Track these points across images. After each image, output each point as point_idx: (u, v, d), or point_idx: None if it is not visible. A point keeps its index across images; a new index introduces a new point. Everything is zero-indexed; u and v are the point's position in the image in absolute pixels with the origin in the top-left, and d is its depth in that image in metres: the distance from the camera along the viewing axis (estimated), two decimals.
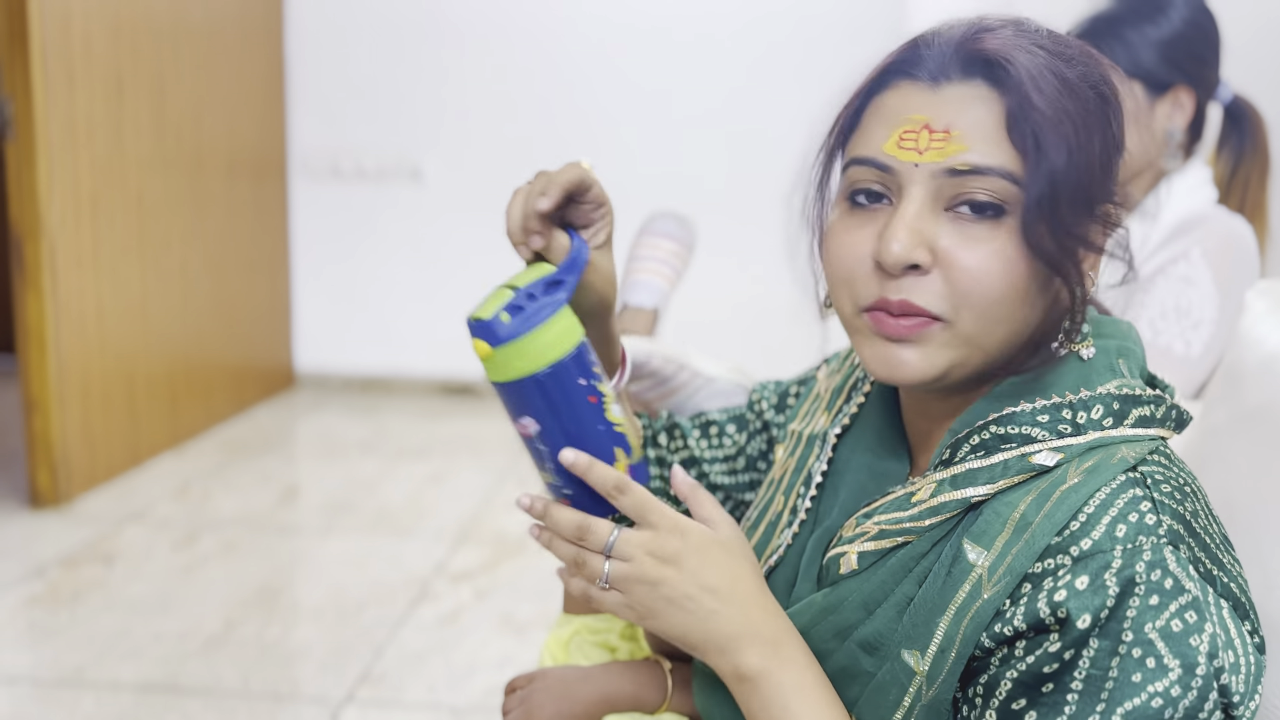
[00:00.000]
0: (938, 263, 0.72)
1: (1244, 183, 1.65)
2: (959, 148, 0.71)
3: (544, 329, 0.77)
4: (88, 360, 3.17)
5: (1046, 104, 0.71)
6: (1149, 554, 0.66)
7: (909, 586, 0.75)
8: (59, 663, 2.21)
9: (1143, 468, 0.71)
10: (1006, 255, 0.71)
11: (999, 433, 0.74)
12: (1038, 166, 0.70)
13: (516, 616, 2.46)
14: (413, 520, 3.04)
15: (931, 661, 0.71)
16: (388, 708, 2.09)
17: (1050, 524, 0.68)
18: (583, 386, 0.78)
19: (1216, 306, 1.50)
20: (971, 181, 0.71)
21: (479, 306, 0.78)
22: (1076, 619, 0.65)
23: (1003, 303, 0.72)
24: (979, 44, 0.73)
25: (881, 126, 0.75)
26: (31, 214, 2.96)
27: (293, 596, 2.59)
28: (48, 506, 3.04)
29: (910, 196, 0.73)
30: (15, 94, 2.92)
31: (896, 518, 0.76)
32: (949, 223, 0.73)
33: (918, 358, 0.73)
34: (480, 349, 0.77)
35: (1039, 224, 0.71)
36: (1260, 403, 1.00)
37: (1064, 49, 0.75)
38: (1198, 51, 1.59)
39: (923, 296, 0.72)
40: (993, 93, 0.72)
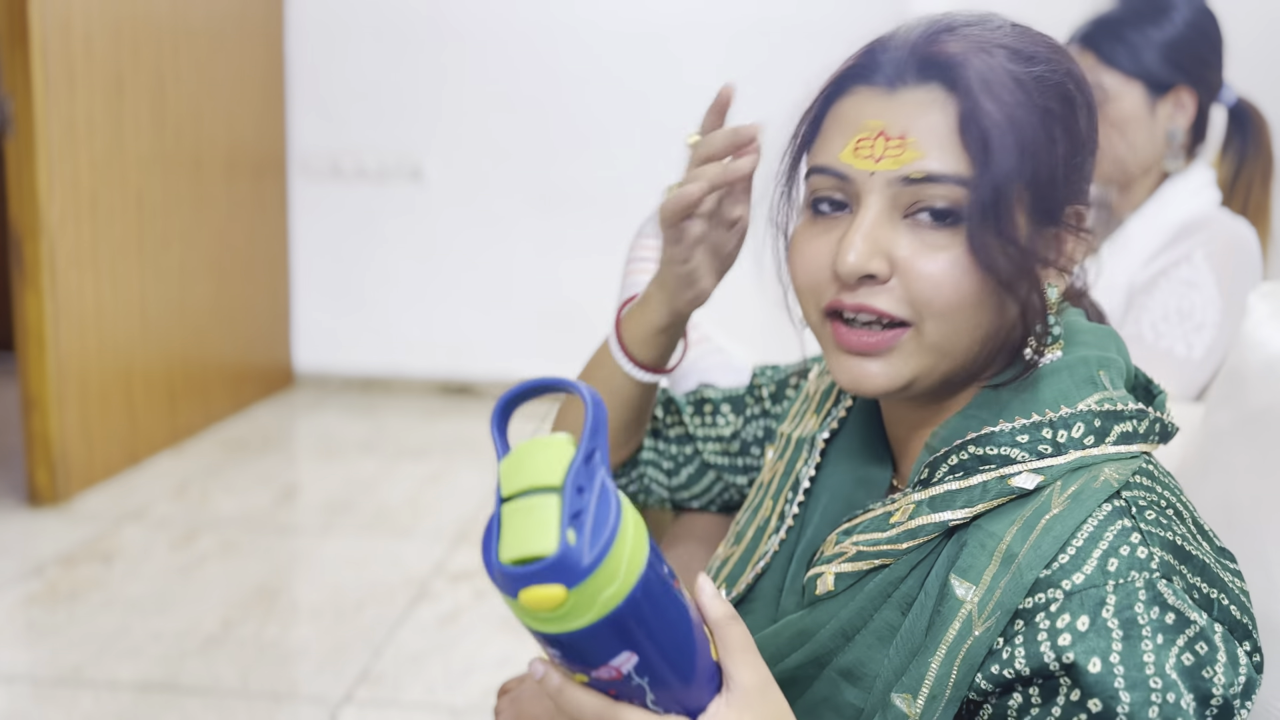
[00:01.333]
0: (896, 271, 0.71)
1: (1247, 185, 1.65)
2: (914, 155, 0.70)
3: (624, 529, 0.55)
4: (86, 359, 3.16)
5: (998, 107, 0.69)
6: (1144, 591, 0.65)
7: (889, 613, 0.73)
8: (57, 661, 2.21)
9: (1126, 494, 0.69)
10: (964, 264, 0.70)
11: (978, 453, 0.73)
12: (985, 172, 0.69)
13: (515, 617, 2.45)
14: (412, 520, 3.04)
15: (924, 705, 0.69)
16: (386, 708, 2.08)
17: (1037, 556, 0.67)
18: (666, 573, 0.59)
19: (1219, 309, 1.50)
20: (927, 189, 0.70)
21: (506, 540, 0.55)
22: (1086, 664, 0.63)
23: (963, 309, 0.71)
24: (935, 46, 0.72)
25: (839, 134, 0.74)
26: (31, 212, 2.95)
27: (291, 596, 2.59)
28: (46, 505, 3.04)
29: (867, 205, 0.72)
30: (15, 92, 2.91)
31: (874, 539, 0.75)
32: (907, 230, 0.72)
33: (882, 369, 0.73)
34: (546, 599, 0.53)
35: (987, 234, 0.69)
36: (1262, 405, 1.00)
37: (1027, 47, 0.73)
38: (1199, 52, 1.59)
39: (882, 301, 0.72)
40: (948, 96, 0.71)
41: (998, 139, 0.69)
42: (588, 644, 0.56)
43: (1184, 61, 1.57)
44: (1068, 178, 0.73)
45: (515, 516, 0.55)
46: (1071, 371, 0.75)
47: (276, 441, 3.80)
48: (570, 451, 0.56)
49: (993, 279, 0.70)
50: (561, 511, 0.54)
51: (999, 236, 0.69)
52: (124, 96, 3.28)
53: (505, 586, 0.54)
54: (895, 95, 0.72)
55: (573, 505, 0.54)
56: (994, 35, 0.73)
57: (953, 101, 0.71)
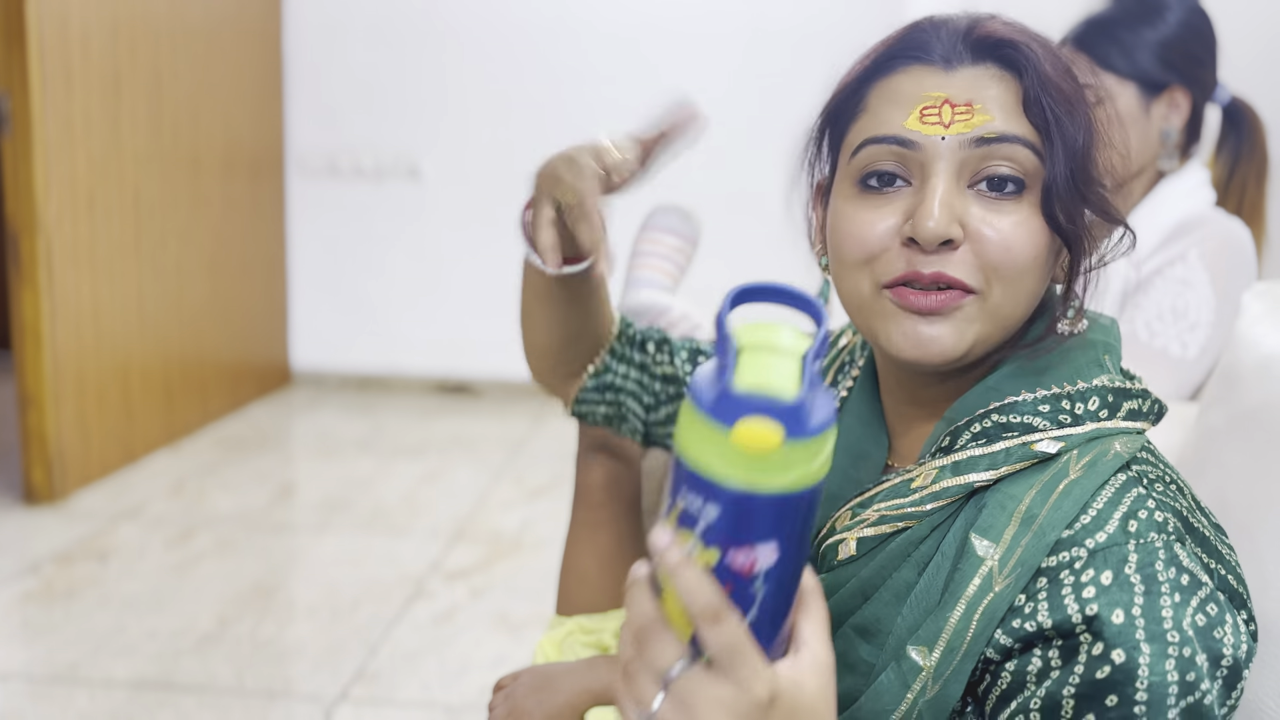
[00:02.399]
0: (967, 237, 0.73)
1: (1242, 185, 1.65)
2: (985, 118, 0.73)
3: (833, 430, 0.55)
4: (83, 357, 3.16)
5: (1059, 84, 0.74)
6: (1162, 552, 0.68)
7: (907, 572, 0.75)
8: (53, 659, 2.21)
9: (1136, 466, 0.73)
10: (1029, 226, 0.73)
11: (1001, 421, 0.75)
12: (1057, 142, 0.73)
13: (511, 615, 2.46)
14: (408, 519, 3.04)
15: (940, 657, 0.71)
16: (382, 706, 2.09)
17: (1059, 516, 0.70)
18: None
19: (1213, 309, 1.50)
20: (998, 150, 0.73)
21: (744, 372, 0.53)
22: (1110, 616, 0.66)
23: (1028, 274, 0.74)
24: (986, 29, 0.76)
25: (895, 107, 0.75)
26: (28, 210, 2.95)
27: (287, 594, 2.59)
28: (42, 503, 3.03)
29: (938, 172, 0.73)
30: (12, 90, 2.91)
31: (897, 504, 0.77)
32: (974, 199, 0.74)
33: (948, 333, 0.74)
34: (761, 436, 0.52)
35: (1059, 198, 0.73)
36: (1256, 404, 1.00)
37: (1055, 45, 0.78)
38: (1193, 52, 1.59)
39: (955, 269, 0.73)
40: (1006, 73, 0.75)
41: (1062, 109, 0.73)
42: (759, 513, 0.53)
43: (1178, 61, 1.58)
44: (1100, 157, 0.77)
45: (757, 361, 0.54)
46: (1084, 352, 0.78)
47: (273, 440, 3.80)
48: (808, 341, 0.56)
49: (1062, 239, 0.75)
50: (803, 373, 0.54)
51: (1069, 199, 0.73)
52: (121, 95, 3.28)
53: (724, 412, 0.52)
54: (953, 72, 0.75)
55: (810, 376, 0.54)
56: (1025, 28, 0.77)
57: (1011, 77, 0.74)
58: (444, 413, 4.11)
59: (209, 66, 3.73)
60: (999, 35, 0.75)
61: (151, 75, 3.42)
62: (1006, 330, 0.76)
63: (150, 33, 3.40)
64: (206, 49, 3.71)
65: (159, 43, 3.45)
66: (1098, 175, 0.76)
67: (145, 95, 3.39)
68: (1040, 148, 0.73)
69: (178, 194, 3.59)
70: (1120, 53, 1.57)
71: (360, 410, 4.11)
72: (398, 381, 4.38)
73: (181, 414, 3.67)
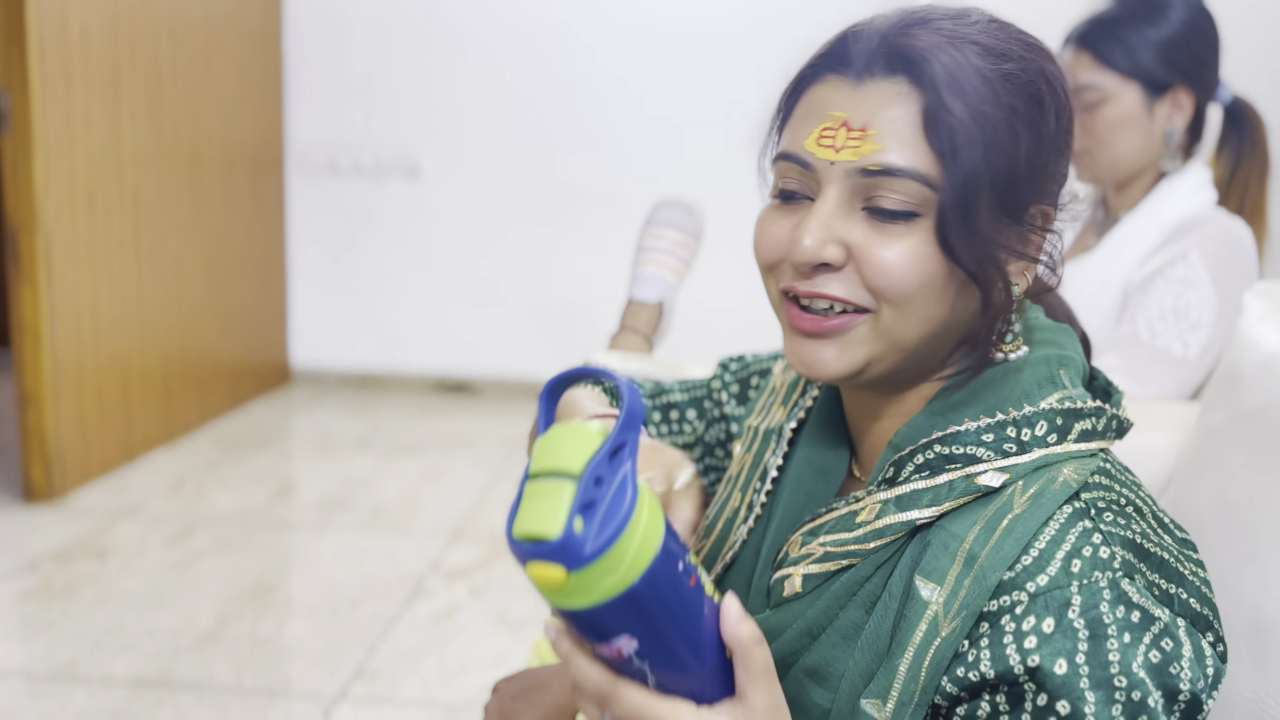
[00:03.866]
0: (851, 258, 0.72)
1: (1243, 184, 1.65)
2: (874, 147, 0.70)
3: (633, 525, 0.57)
4: (83, 355, 3.16)
5: (964, 105, 0.69)
6: (1108, 591, 0.65)
7: (854, 612, 0.73)
8: (51, 657, 2.20)
9: (1085, 495, 0.70)
10: (919, 253, 0.71)
11: (943, 452, 0.73)
12: (952, 170, 0.69)
13: (510, 614, 2.45)
14: (408, 517, 3.04)
15: (894, 710, 0.69)
16: (381, 704, 2.08)
17: (999, 557, 0.68)
18: (681, 571, 0.60)
19: (1215, 308, 1.50)
20: (884, 183, 0.70)
21: (521, 516, 0.57)
22: (1051, 666, 0.64)
23: (917, 299, 0.71)
24: (903, 39, 0.72)
25: (806, 122, 0.75)
26: (27, 208, 2.95)
27: (286, 593, 2.59)
28: (41, 501, 3.03)
29: (826, 195, 0.73)
30: (12, 87, 2.91)
31: (841, 539, 0.75)
32: (864, 220, 0.72)
33: (834, 353, 0.73)
34: (547, 577, 0.56)
35: (953, 229, 0.70)
36: (1258, 404, 1.00)
37: (1000, 44, 0.72)
38: (1197, 52, 1.59)
39: (836, 288, 0.72)
40: (913, 90, 0.71)
41: (961, 135, 0.69)
42: (588, 622, 0.58)
43: (1181, 61, 1.58)
44: (1031, 177, 0.72)
45: (533, 495, 0.58)
46: (1034, 369, 0.76)
47: (272, 438, 3.80)
48: (599, 443, 0.58)
49: (960, 270, 0.71)
50: (574, 499, 0.56)
51: (963, 229, 0.70)
52: (121, 92, 3.28)
53: (516, 556, 0.57)
54: (862, 86, 0.72)
55: (586, 495, 0.56)
56: (967, 30, 0.73)
57: (917, 96, 0.71)
58: (443, 411, 4.11)
59: (209, 64, 3.73)
60: (911, 47, 0.71)
61: (151, 73, 3.42)
62: (905, 351, 0.73)
63: (150, 30, 3.40)
64: (206, 46, 3.71)
65: (159, 40, 3.45)
66: (1023, 199, 0.72)
67: (145, 93, 3.39)
68: (935, 178, 0.69)
69: (177, 192, 3.59)
70: (1123, 52, 1.57)
71: (359, 409, 4.11)
72: (397, 380, 4.38)
73: (181, 412, 3.67)
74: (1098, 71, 1.58)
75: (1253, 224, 1.63)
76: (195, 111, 3.67)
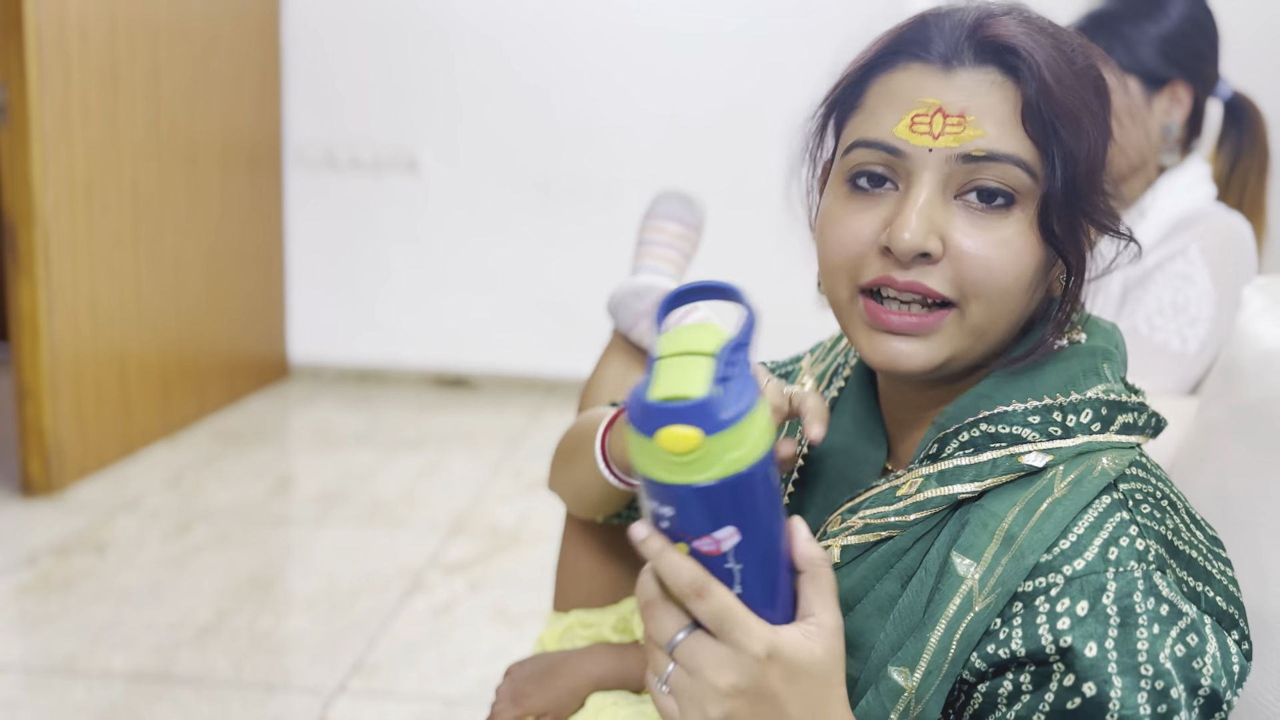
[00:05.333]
0: (947, 251, 0.71)
1: (1243, 179, 1.65)
2: (976, 133, 0.70)
3: (761, 405, 0.59)
4: (81, 349, 3.16)
5: (1063, 93, 0.70)
6: (1141, 581, 0.66)
7: (890, 585, 0.74)
8: (50, 651, 2.20)
9: (1124, 485, 0.71)
10: (1015, 245, 0.71)
11: (989, 431, 0.74)
12: (1056, 156, 0.70)
13: (510, 609, 2.46)
14: (406, 512, 3.04)
15: (921, 679, 0.70)
16: (380, 698, 2.09)
17: (1039, 538, 0.68)
18: (778, 479, 0.63)
19: (1214, 304, 1.50)
20: (985, 168, 0.70)
21: (660, 382, 0.59)
22: (1083, 648, 0.65)
23: (1010, 292, 0.72)
24: (991, 30, 0.72)
25: (889, 109, 0.73)
26: (25, 201, 2.94)
27: (285, 587, 2.59)
28: (39, 495, 3.03)
29: (922, 182, 0.71)
30: (9, 80, 2.90)
31: (881, 512, 0.76)
32: (959, 210, 0.72)
33: (921, 349, 0.73)
34: (682, 439, 0.56)
35: (1058, 216, 0.71)
36: (1257, 398, 1.00)
37: (1065, 39, 0.74)
38: (1196, 47, 1.59)
39: (932, 280, 0.72)
40: (1006, 80, 0.71)
41: (1066, 124, 0.70)
42: (704, 504, 0.58)
43: (1180, 56, 1.58)
44: (1103, 165, 0.74)
45: (670, 368, 0.59)
46: (1080, 360, 0.76)
47: (271, 433, 3.79)
48: (725, 336, 0.60)
49: (1048, 258, 0.72)
50: (714, 370, 0.58)
51: (1066, 216, 0.71)
52: (119, 86, 3.27)
53: (645, 423, 0.57)
54: (952, 74, 0.72)
55: (723, 371, 0.58)
56: (1039, 23, 0.74)
57: (1011, 85, 0.71)
58: (442, 406, 4.11)
59: (207, 58, 3.72)
60: (1003, 37, 0.71)
61: (149, 67, 3.41)
62: (988, 344, 0.74)
63: (148, 24, 3.39)
64: (204, 40, 3.70)
65: (157, 34, 3.44)
66: (1102, 186, 0.74)
67: (143, 87, 3.38)
68: (1035, 165, 0.70)
69: (175, 186, 3.59)
70: (1122, 47, 1.57)
71: (358, 403, 4.11)
72: (396, 375, 4.37)
73: (179, 406, 3.67)
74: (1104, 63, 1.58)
75: (1252, 219, 1.63)
76: (193, 105, 3.66)
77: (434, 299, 4.29)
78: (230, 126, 3.89)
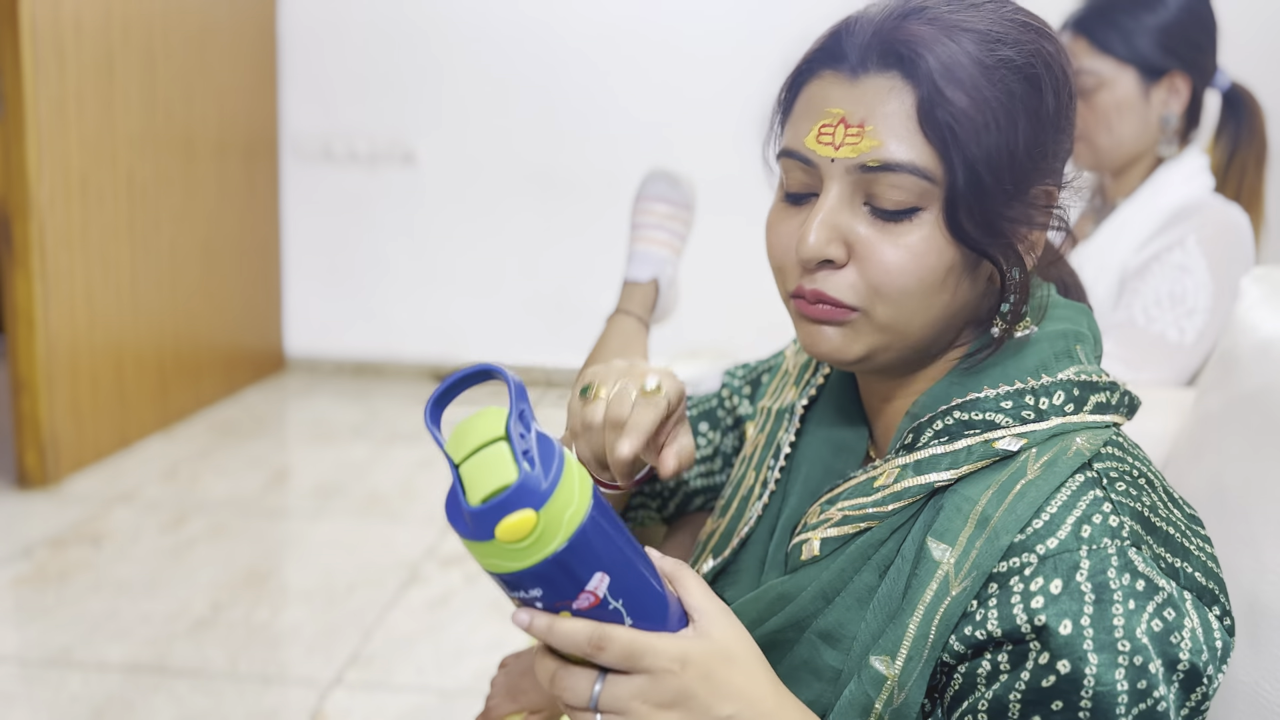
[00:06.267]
0: (853, 256, 0.73)
1: (1240, 170, 1.65)
2: (872, 143, 0.71)
3: (569, 457, 0.61)
4: (76, 341, 3.15)
5: (961, 94, 0.70)
6: (1115, 558, 0.66)
7: (868, 575, 0.75)
8: (46, 643, 2.20)
9: (1098, 464, 0.71)
10: (921, 249, 0.71)
11: (962, 418, 0.74)
12: (954, 160, 0.70)
13: (505, 601, 2.45)
14: (403, 505, 3.03)
15: (903, 666, 0.70)
16: (376, 690, 2.08)
17: (1012, 519, 0.69)
18: (609, 506, 0.64)
19: (1211, 294, 1.50)
20: (882, 178, 0.71)
21: (472, 487, 0.60)
22: (1057, 626, 0.65)
23: (916, 294, 0.72)
24: (896, 33, 0.72)
25: (806, 118, 0.75)
26: (20, 193, 2.94)
27: (281, 579, 2.59)
28: (35, 487, 3.03)
29: (827, 191, 0.73)
30: (4, 72, 2.89)
31: (860, 503, 0.76)
32: (865, 217, 0.73)
33: (839, 338, 0.75)
34: (520, 525, 0.58)
35: (961, 216, 0.71)
36: (1254, 388, 1.00)
37: (996, 28, 0.72)
38: (1194, 38, 1.58)
39: (834, 288, 0.73)
40: (905, 84, 0.71)
41: (957, 126, 0.69)
42: (565, 570, 0.60)
43: (1178, 46, 1.57)
44: (1032, 157, 0.73)
45: (473, 470, 0.60)
46: (1051, 343, 0.77)
47: (267, 425, 3.79)
48: (503, 413, 0.62)
49: (965, 256, 0.72)
50: (513, 449, 0.59)
51: (971, 215, 0.71)
52: (114, 77, 3.26)
53: (480, 529, 0.58)
54: (857, 82, 0.72)
55: (519, 445, 0.59)
56: (961, 17, 0.72)
57: (909, 89, 0.71)
58: None
59: (203, 48, 3.71)
60: (905, 42, 0.71)
61: (145, 57, 3.40)
62: (909, 340, 0.75)
63: (143, 14, 3.38)
64: (200, 31, 3.69)
65: (152, 25, 3.43)
66: (1027, 180, 0.73)
67: (138, 77, 3.37)
68: (934, 169, 0.70)
69: (171, 177, 3.58)
70: (1120, 37, 1.56)
71: (354, 396, 4.10)
72: (392, 367, 4.37)
73: (175, 399, 3.66)
74: (1094, 57, 1.58)
75: (1250, 210, 1.63)
76: (189, 96, 3.65)
77: (430, 292, 4.29)
78: (226, 119, 3.88)
